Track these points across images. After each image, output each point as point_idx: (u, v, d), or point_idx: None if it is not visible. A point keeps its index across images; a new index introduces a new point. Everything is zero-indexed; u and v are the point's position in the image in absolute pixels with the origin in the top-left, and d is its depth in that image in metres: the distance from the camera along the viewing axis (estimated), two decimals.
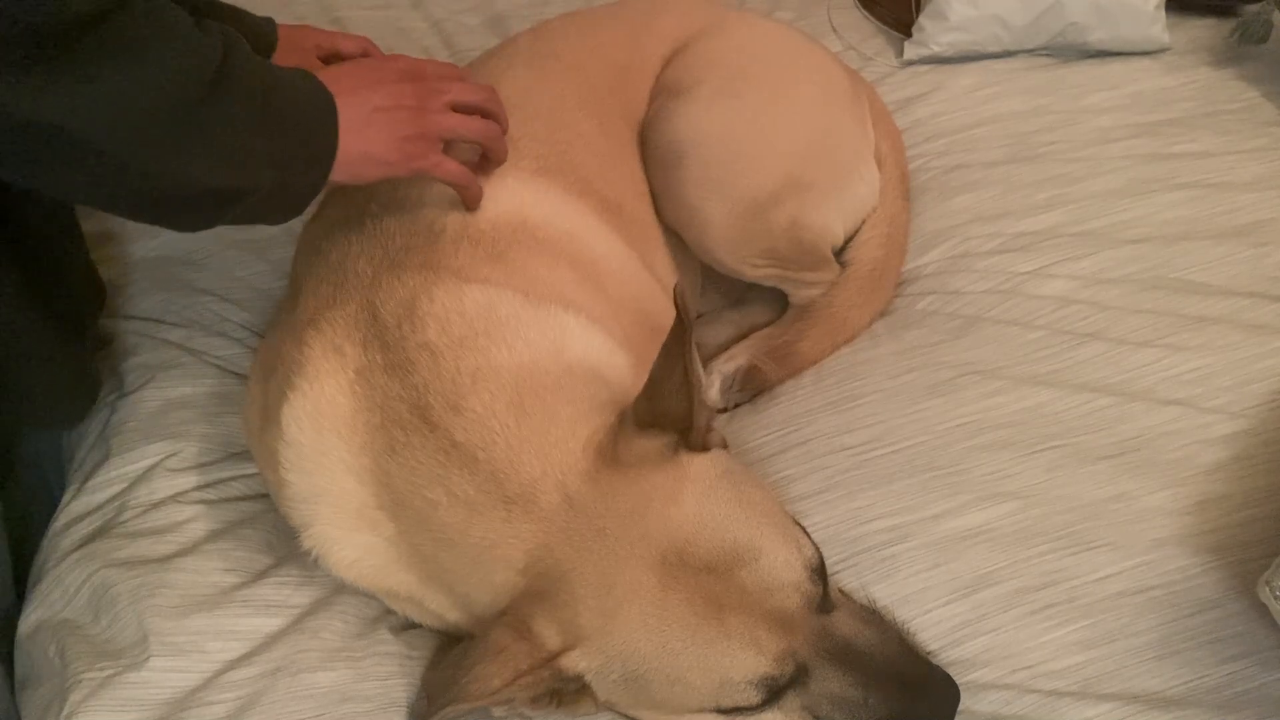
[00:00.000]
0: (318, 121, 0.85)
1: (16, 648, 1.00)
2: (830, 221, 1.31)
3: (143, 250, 1.34)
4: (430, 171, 0.93)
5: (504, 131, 1.00)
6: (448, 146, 0.95)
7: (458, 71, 1.01)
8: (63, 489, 1.12)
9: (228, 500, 1.08)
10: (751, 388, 1.25)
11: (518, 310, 0.92)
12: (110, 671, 0.90)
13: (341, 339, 0.92)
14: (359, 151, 0.87)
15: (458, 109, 0.94)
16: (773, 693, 0.81)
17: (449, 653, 0.87)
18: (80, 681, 0.90)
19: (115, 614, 0.95)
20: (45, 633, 0.97)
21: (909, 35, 1.74)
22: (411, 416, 0.87)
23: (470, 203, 0.99)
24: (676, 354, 0.81)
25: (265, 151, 0.81)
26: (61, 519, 1.07)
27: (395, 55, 0.99)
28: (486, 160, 1.01)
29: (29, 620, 0.99)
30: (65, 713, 0.88)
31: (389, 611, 0.99)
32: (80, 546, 1.03)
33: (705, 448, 0.87)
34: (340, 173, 0.87)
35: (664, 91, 1.28)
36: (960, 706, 0.85)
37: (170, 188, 0.77)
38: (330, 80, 0.87)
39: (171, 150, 0.75)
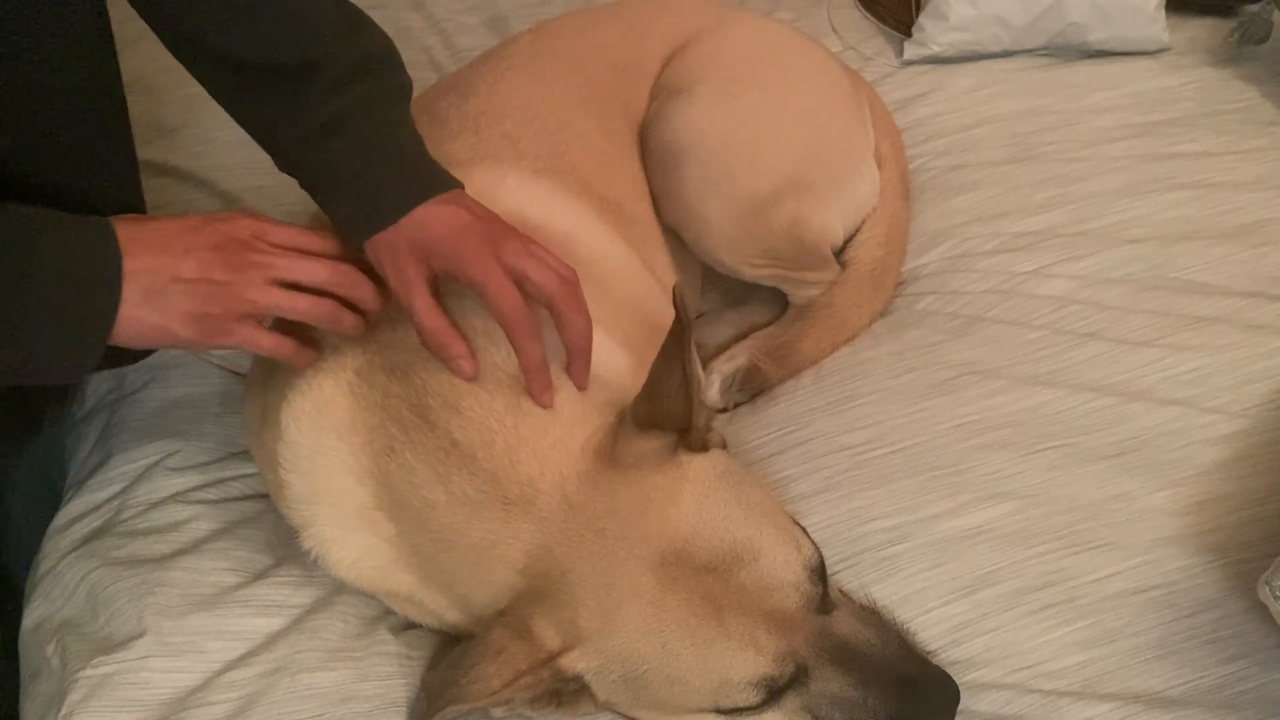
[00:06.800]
0: (91, 293, 0.77)
1: (20, 645, 1.00)
2: (830, 221, 1.31)
3: None
4: (240, 346, 0.85)
5: (370, 301, 0.88)
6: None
7: (312, 242, 0.87)
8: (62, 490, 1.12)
9: (228, 500, 1.08)
10: (751, 388, 1.25)
11: None
12: (108, 669, 0.90)
13: (340, 338, 0.92)
14: (150, 323, 0.79)
15: (290, 285, 0.84)
16: (772, 693, 0.81)
17: (449, 653, 0.87)
18: (78, 680, 0.90)
19: (114, 612, 0.95)
20: (45, 631, 0.97)
21: (909, 35, 1.74)
22: (411, 416, 0.87)
23: (299, 369, 0.92)
24: (676, 354, 0.81)
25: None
26: (61, 518, 1.07)
27: (237, 215, 0.85)
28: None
29: (30, 618, 0.99)
30: (63, 713, 0.88)
31: (389, 611, 0.99)
32: (80, 545, 1.03)
33: (704, 448, 0.86)
34: (129, 341, 0.80)
35: (664, 91, 1.28)
36: (960, 706, 0.85)
37: None
38: (137, 242, 0.79)
39: None
